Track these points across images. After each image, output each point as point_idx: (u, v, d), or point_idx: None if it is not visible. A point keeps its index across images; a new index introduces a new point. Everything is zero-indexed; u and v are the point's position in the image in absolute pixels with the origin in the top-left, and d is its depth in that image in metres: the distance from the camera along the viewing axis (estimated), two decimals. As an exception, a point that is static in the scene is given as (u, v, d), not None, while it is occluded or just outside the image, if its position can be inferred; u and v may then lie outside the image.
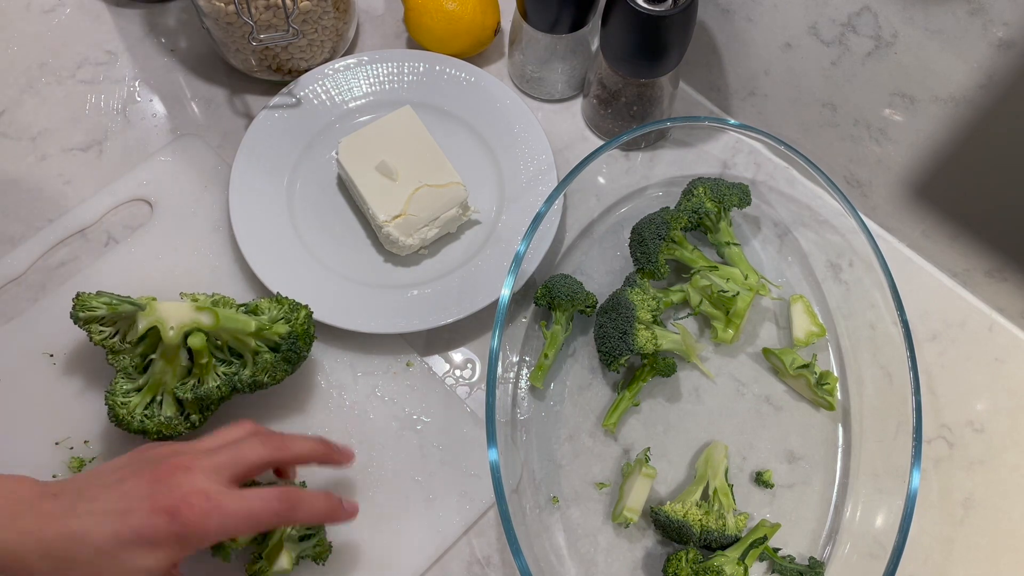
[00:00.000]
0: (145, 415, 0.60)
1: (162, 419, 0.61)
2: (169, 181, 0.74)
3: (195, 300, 0.61)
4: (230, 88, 0.80)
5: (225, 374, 0.61)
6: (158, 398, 0.61)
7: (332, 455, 0.58)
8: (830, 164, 0.75)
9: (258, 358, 0.62)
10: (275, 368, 0.62)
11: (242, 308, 0.62)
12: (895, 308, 0.65)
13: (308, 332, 0.63)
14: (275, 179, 0.73)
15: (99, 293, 0.61)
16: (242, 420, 0.56)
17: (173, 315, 0.59)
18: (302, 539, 0.60)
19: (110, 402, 0.60)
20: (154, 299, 0.60)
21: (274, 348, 0.62)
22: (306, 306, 0.64)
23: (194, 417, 0.62)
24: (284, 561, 0.58)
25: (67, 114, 0.78)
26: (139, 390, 0.61)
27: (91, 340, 0.60)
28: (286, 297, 0.63)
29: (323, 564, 0.60)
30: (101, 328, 0.60)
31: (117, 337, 0.61)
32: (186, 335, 0.60)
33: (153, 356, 0.61)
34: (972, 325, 0.72)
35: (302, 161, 0.75)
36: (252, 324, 0.61)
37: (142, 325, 0.59)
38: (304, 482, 0.63)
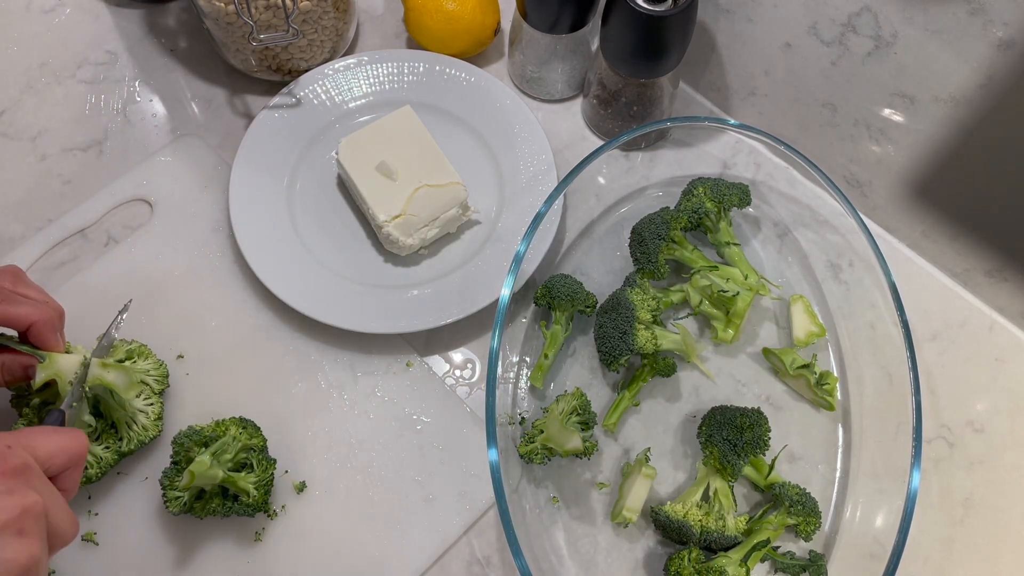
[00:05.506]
0: None
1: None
2: (169, 181, 0.74)
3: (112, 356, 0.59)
4: (230, 88, 0.80)
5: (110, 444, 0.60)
6: None
7: (48, 335, 0.55)
8: (830, 164, 0.75)
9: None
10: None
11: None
12: (895, 308, 0.65)
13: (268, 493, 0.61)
14: (275, 179, 0.73)
15: None
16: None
17: (69, 369, 0.57)
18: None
19: None
20: (67, 348, 0.58)
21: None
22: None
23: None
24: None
25: (67, 114, 0.78)
26: None
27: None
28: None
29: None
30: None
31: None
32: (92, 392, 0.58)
33: (51, 407, 0.59)
34: (972, 325, 0.72)
35: (302, 161, 0.75)
36: (219, 475, 0.58)
37: (39, 378, 0.56)
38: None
